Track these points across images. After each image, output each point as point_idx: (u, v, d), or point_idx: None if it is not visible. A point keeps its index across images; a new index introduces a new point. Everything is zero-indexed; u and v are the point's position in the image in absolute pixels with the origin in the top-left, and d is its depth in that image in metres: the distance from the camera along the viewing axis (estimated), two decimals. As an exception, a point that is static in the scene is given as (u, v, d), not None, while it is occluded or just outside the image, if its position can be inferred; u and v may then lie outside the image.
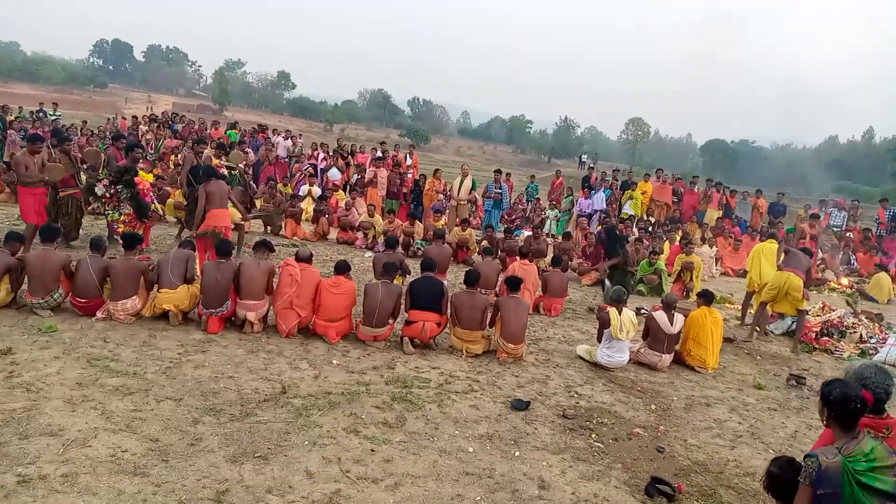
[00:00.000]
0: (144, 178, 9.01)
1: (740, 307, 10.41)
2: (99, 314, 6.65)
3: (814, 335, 9.24)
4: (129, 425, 4.59)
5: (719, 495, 4.67)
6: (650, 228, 15.38)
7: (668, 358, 7.36)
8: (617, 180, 18.70)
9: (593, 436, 5.41)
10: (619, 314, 7.05)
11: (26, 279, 6.68)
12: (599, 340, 7.25)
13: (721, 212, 17.61)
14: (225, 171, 10.46)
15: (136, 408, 4.86)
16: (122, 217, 8.86)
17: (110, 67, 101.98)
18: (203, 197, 8.56)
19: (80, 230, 9.83)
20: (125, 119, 23.15)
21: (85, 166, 9.69)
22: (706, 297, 7.75)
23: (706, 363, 7.45)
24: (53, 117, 19.69)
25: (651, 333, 7.39)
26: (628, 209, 17.41)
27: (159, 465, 4.13)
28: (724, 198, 17.92)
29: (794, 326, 9.14)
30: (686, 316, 7.63)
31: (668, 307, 7.44)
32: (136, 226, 9.07)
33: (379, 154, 17.82)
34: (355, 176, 16.65)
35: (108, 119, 25.04)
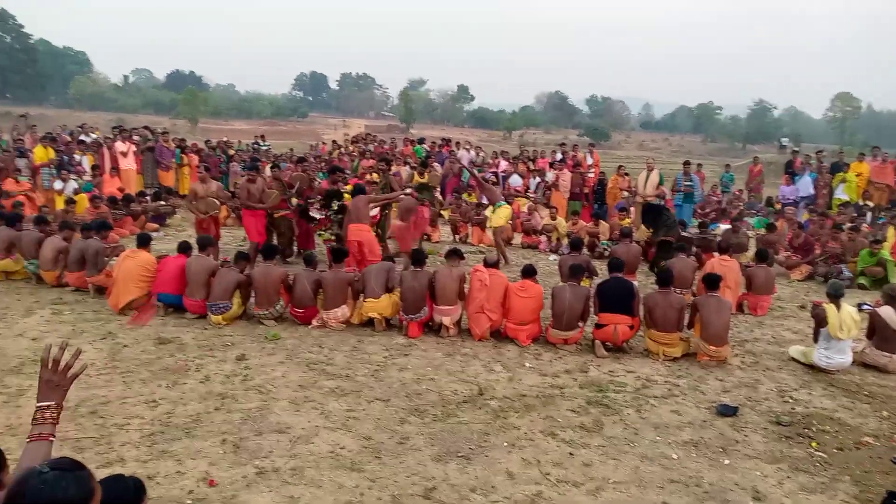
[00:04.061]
0: (349, 201, 9.81)
1: None
2: (314, 322, 7.35)
3: None
4: (344, 424, 5.01)
5: (978, 517, 4.04)
6: (869, 214, 13.69)
7: (901, 359, 6.51)
8: (822, 162, 16.88)
9: (814, 444, 4.95)
10: (838, 311, 6.37)
11: (253, 293, 7.56)
12: (816, 340, 6.59)
13: (958, 191, 15.20)
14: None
15: (349, 408, 5.30)
16: (334, 237, 9.71)
17: (310, 98, 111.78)
18: (347, 213, 9.30)
19: (294, 247, 10.94)
20: (325, 144, 25.26)
21: (293, 190, 10.75)
22: (947, 289, 6.74)
23: (951, 364, 6.48)
24: (265, 147, 22.05)
25: (877, 331, 6.59)
26: (841, 194, 15.61)
27: (373, 462, 4.47)
28: (961, 174, 15.44)
29: None
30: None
31: (893, 300, 6.58)
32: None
33: (559, 156, 17.73)
34: (536, 180, 16.71)
35: (311, 146, 27.51)
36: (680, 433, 5.08)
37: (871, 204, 15.75)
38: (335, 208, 9.65)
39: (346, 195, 9.84)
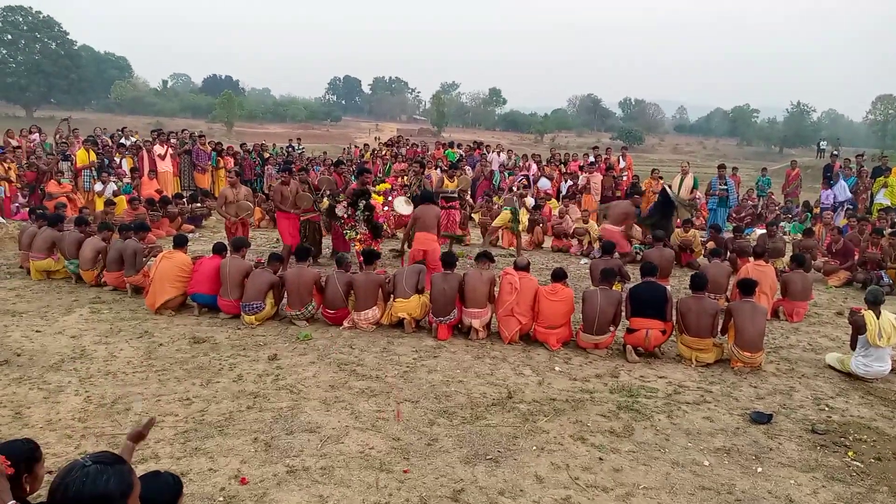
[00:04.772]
0: (376, 200, 9.90)
1: None
2: (346, 323, 7.41)
3: None
4: (374, 425, 5.04)
5: None
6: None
7: (944, 368, 6.32)
8: (862, 166, 16.46)
9: (850, 454, 4.83)
10: (877, 318, 6.21)
11: (285, 294, 7.66)
12: (853, 348, 6.44)
13: None
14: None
15: (379, 409, 5.33)
16: (358, 236, 9.80)
17: (343, 102, 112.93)
18: (413, 220, 9.26)
19: (322, 248, 11.05)
20: (357, 148, 25.51)
21: (328, 193, 10.86)
22: None
23: None
24: (298, 151, 22.32)
25: (920, 340, 6.40)
26: (882, 198, 15.21)
27: (401, 463, 4.48)
28: None
29: None
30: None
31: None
32: (371, 243, 9.97)
33: (591, 159, 17.60)
34: (568, 182, 16.62)
35: (344, 149, 27.75)
36: (712, 440, 5.00)
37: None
38: (361, 207, 9.75)
39: (374, 195, 9.92)
